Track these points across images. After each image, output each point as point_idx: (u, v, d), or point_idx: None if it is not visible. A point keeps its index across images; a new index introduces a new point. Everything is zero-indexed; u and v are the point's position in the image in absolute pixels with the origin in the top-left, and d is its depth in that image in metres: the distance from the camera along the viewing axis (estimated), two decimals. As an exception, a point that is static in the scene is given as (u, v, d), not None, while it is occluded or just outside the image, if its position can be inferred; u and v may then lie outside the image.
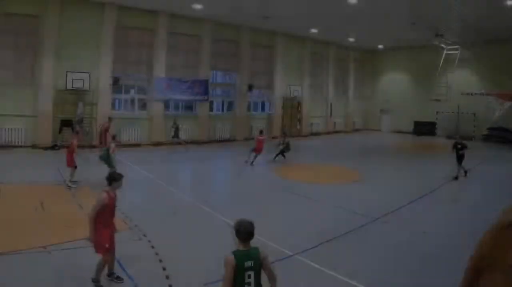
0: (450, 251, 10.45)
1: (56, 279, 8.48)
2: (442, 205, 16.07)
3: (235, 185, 20.14)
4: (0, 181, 16.48)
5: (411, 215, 14.30)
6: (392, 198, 16.57)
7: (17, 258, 9.21)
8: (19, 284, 8.11)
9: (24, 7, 26.19)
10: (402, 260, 10.11)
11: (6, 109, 25.64)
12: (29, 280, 8.28)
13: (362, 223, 12.94)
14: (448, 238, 11.79)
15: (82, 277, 8.32)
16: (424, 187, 18.66)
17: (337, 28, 37.12)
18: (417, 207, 15.38)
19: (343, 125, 48.25)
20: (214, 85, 36.55)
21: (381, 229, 12.62)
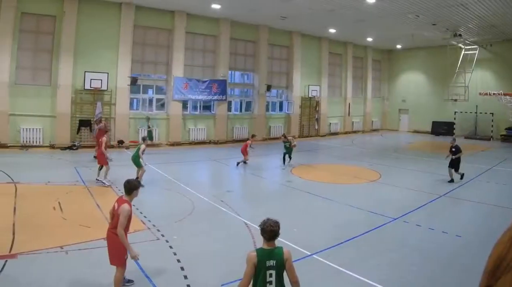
0: (469, 251, 10.37)
1: (72, 279, 8.27)
2: (461, 205, 15.84)
3: (252, 185, 19.67)
4: (18, 180, 16.46)
5: (430, 215, 13.99)
6: (411, 197, 16.38)
7: (35, 258, 9.07)
8: (36, 285, 7.93)
9: (42, 7, 25.65)
10: (421, 260, 9.86)
11: (24, 109, 25.13)
12: (45, 280, 8.11)
13: (381, 223, 12.75)
14: (467, 238, 11.56)
15: (98, 277, 8.22)
16: (443, 186, 18.35)
17: (355, 28, 36.09)
18: (436, 207, 15.11)
19: (361, 125, 47.11)
20: (232, 85, 35.68)
21: (400, 229, 12.39)
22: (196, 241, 10.84)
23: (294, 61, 39.01)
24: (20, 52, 25.28)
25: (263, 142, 35.25)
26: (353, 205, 14.81)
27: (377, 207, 14.48)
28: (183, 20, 31.01)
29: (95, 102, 27.03)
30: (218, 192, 16.64)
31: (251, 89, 37.11)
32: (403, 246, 10.80)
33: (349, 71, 45.22)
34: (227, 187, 18.72)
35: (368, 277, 8.60)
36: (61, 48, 26.16)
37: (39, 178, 17.22)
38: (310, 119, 40.61)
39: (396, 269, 9.35)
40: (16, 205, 13.18)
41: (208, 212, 13.77)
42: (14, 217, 11.90)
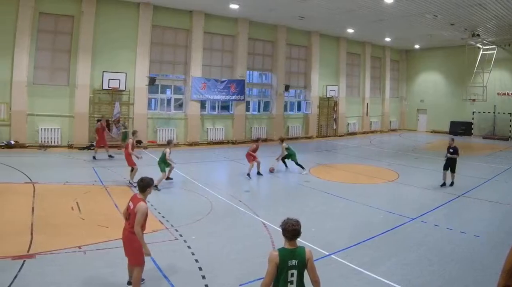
0: (487, 251, 10.22)
1: (90, 279, 8.08)
2: (480, 205, 15.31)
3: (270, 185, 19.08)
4: (37, 180, 16.12)
5: (448, 215, 13.77)
6: (429, 197, 16.03)
7: (53, 258, 8.87)
8: (54, 285, 7.71)
9: (60, 7, 25.01)
10: (439, 260, 9.63)
11: (43, 109, 24.49)
12: (63, 280, 7.91)
13: (399, 223, 12.53)
14: (485, 238, 11.30)
15: (116, 278, 8.09)
16: (461, 186, 17.84)
17: (373, 28, 35.00)
18: (455, 207, 14.86)
19: (379, 125, 45.83)
20: (250, 85, 34.72)
21: (418, 229, 12.09)
22: (214, 241, 10.60)
23: (312, 61, 37.93)
24: (38, 52, 24.67)
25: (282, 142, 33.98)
26: (371, 205, 14.51)
27: (395, 207, 14.26)
28: (201, 20, 30.13)
29: (113, 102, 26.35)
30: (236, 192, 16.29)
31: (269, 89, 36.12)
32: (421, 246, 10.57)
33: (367, 71, 44.00)
34: (245, 187, 18.11)
35: (386, 277, 8.47)
36: (79, 48, 25.50)
37: (57, 178, 16.85)
38: (328, 119, 39.46)
39: (414, 269, 9.11)
40: (34, 205, 12.93)
41: (226, 212, 13.48)
42: (32, 217, 11.67)
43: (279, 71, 35.31)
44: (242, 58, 32.62)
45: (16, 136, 23.96)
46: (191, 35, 29.96)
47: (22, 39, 23.68)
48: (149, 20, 27.88)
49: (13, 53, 23.56)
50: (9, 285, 7.54)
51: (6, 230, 10.54)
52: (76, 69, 25.52)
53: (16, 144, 23.76)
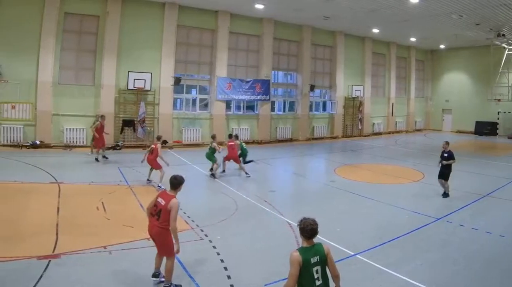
0: None
1: (115, 279, 7.89)
2: (505, 205, 14.74)
3: (295, 185, 18.59)
4: (62, 180, 15.64)
5: (473, 215, 13.25)
6: (454, 197, 15.36)
7: (78, 258, 8.66)
8: (79, 285, 7.53)
9: (85, 7, 24.07)
10: (464, 260, 9.39)
11: (68, 109, 23.54)
12: (89, 280, 7.74)
13: (424, 223, 12.13)
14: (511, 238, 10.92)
15: (141, 278, 7.93)
16: (487, 186, 17.38)
17: (398, 28, 33.49)
18: (480, 207, 14.35)
19: (404, 125, 43.94)
20: (275, 85, 33.20)
21: (443, 229, 11.75)
22: (240, 241, 10.33)
23: (338, 61, 36.28)
24: (63, 52, 23.73)
25: (307, 142, 33.07)
26: (396, 205, 14.09)
27: (420, 207, 13.83)
28: (226, 20, 28.89)
29: (139, 102, 25.31)
30: (261, 192, 15.77)
31: (295, 89, 34.56)
32: (446, 246, 10.29)
33: (393, 71, 42.07)
34: (270, 186, 17.59)
35: (411, 277, 8.23)
36: (105, 48, 24.51)
37: (83, 178, 16.36)
38: (354, 119, 37.86)
39: (439, 269, 8.86)
40: (59, 205, 12.55)
41: (251, 212, 13.05)
42: (58, 217, 11.32)
43: (304, 71, 33.84)
44: (267, 58, 31.22)
45: (41, 136, 23.01)
46: (217, 35, 28.73)
47: (48, 39, 22.77)
48: (174, 20, 26.69)
49: (38, 53, 22.66)
50: (34, 285, 7.32)
51: (31, 230, 10.25)
52: (101, 69, 24.55)
53: (41, 144, 22.80)
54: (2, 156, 19.98)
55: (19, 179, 15.35)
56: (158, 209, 7.43)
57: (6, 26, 21.98)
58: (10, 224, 10.68)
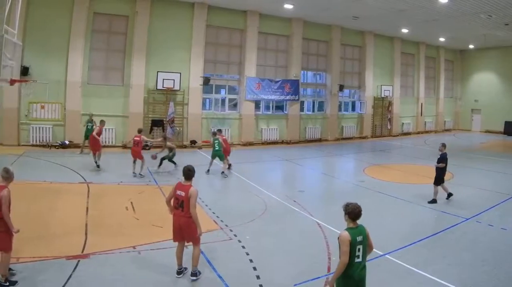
0: None
1: (145, 279, 7.54)
2: None
3: (325, 185, 17.64)
4: (91, 180, 15.06)
5: (503, 215, 12.58)
6: (484, 197, 14.74)
7: (107, 258, 8.32)
8: (107, 285, 7.25)
9: (114, 7, 22.85)
10: (493, 260, 8.88)
11: (97, 109, 21.98)
12: (118, 280, 7.40)
13: (453, 223, 11.58)
14: None
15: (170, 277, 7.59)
16: None
17: (427, 28, 31.28)
18: (509, 207, 13.62)
19: (433, 125, 41.21)
20: (304, 85, 31.30)
21: (473, 229, 11.19)
22: (269, 241, 9.83)
23: (367, 61, 34.06)
24: (92, 52, 22.53)
25: (336, 142, 31.12)
26: (425, 205, 13.45)
27: (450, 207, 13.23)
28: (255, 20, 27.13)
29: (168, 102, 23.83)
30: (290, 192, 14.97)
31: (324, 89, 32.49)
32: (475, 246, 9.79)
33: (422, 71, 39.47)
34: (299, 186, 16.73)
35: (440, 277, 7.83)
36: (134, 48, 23.17)
37: (112, 178, 15.71)
38: (383, 119, 35.55)
39: (469, 269, 8.44)
40: (88, 205, 12.06)
41: (280, 212, 12.47)
42: (87, 217, 10.89)
43: (334, 71, 31.77)
44: (296, 58, 29.36)
45: (70, 136, 21.73)
46: (246, 35, 27.02)
47: (77, 39, 21.60)
48: (203, 20, 25.10)
49: (67, 53, 21.53)
50: (63, 285, 7.02)
51: (60, 230, 9.85)
52: (130, 69, 23.21)
53: (70, 144, 21.51)
54: (32, 156, 19.18)
55: (48, 179, 14.73)
56: (180, 201, 7.38)
57: (35, 27, 20.85)
58: (40, 224, 10.19)
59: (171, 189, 7.82)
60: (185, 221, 7.38)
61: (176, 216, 7.50)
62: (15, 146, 20.91)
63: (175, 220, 7.53)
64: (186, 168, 7.67)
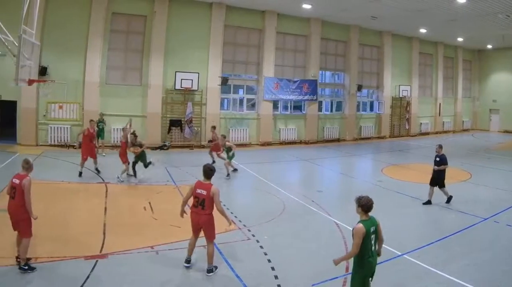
0: None
1: (162, 279, 7.29)
2: None
3: (343, 185, 17.01)
4: (109, 180, 14.56)
5: None
6: (502, 197, 14.15)
7: (125, 258, 8.06)
8: (126, 284, 7.04)
9: (132, 7, 21.91)
10: None
11: (115, 109, 21.29)
12: (136, 280, 7.22)
13: (471, 223, 11.19)
14: None
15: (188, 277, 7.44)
16: None
17: (445, 28, 29.83)
18: None
19: (451, 125, 39.41)
20: (322, 85, 29.93)
21: (491, 229, 10.80)
22: (287, 241, 9.58)
23: (385, 61, 32.50)
24: (110, 52, 21.61)
25: (354, 142, 29.80)
26: (443, 205, 12.87)
27: (467, 207, 12.69)
28: (273, 20, 25.87)
29: (186, 102, 22.79)
30: (308, 192, 14.39)
31: (342, 89, 31.12)
32: (493, 246, 9.45)
33: (440, 71, 37.68)
34: (317, 186, 16.03)
35: (459, 277, 7.56)
36: (152, 48, 22.20)
37: (130, 178, 15.01)
38: (401, 119, 33.95)
39: (487, 269, 8.11)
40: (106, 205, 11.66)
41: (298, 212, 12.01)
42: (105, 217, 10.56)
43: (352, 71, 30.36)
44: (314, 58, 28.00)
45: None
46: (264, 35, 25.77)
47: (95, 39, 20.70)
48: (221, 20, 23.99)
49: (85, 53, 20.66)
50: (81, 285, 6.83)
51: (79, 230, 9.55)
52: (148, 69, 22.22)
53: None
54: (50, 156, 18.50)
55: (66, 179, 14.27)
56: (201, 200, 7.29)
57: (53, 27, 19.99)
58: (58, 224, 9.92)
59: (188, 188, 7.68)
60: (206, 219, 7.31)
61: (196, 213, 7.38)
62: (33, 146, 20.09)
63: (193, 217, 7.40)
64: (207, 167, 7.56)
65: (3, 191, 10.80)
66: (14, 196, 7.16)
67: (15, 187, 7.16)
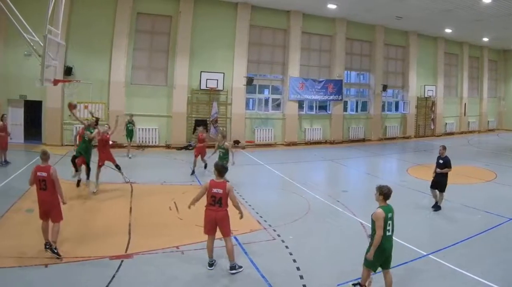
0: None
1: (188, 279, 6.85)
2: None
3: (368, 185, 15.26)
4: (134, 180, 13.75)
5: None
6: None
7: (150, 258, 7.59)
8: (151, 284, 6.61)
9: (157, 7, 20.69)
10: None
11: (140, 109, 20.06)
12: (161, 280, 6.76)
13: (497, 223, 10.43)
14: None
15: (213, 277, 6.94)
16: None
17: (471, 28, 27.80)
18: None
19: (477, 125, 36.94)
20: (348, 85, 28.18)
21: None
22: (312, 241, 8.98)
23: (410, 61, 30.40)
24: (136, 53, 20.43)
25: (379, 142, 27.94)
26: (468, 205, 12.14)
27: (493, 207, 11.84)
28: (299, 20, 24.25)
29: (211, 102, 21.42)
30: (333, 192, 13.62)
31: (367, 89, 29.22)
32: None
33: (465, 71, 35.27)
34: (342, 186, 15.21)
35: (484, 277, 7.01)
36: (177, 48, 20.89)
37: (155, 178, 14.25)
38: (426, 119, 31.85)
39: None
40: (132, 205, 11.13)
41: (323, 212, 11.33)
42: (130, 217, 10.04)
43: (377, 71, 28.43)
44: (339, 58, 26.22)
45: (113, 136, 19.68)
46: (289, 35, 24.15)
47: (120, 39, 19.51)
48: (247, 20, 22.52)
49: (111, 53, 19.50)
50: (106, 285, 6.44)
51: (104, 230, 9.06)
52: (173, 69, 20.92)
53: (113, 144, 20.06)
54: (75, 156, 17.68)
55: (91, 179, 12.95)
56: (218, 198, 7.02)
57: (79, 27, 18.88)
58: (83, 224, 9.50)
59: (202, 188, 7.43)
60: (223, 215, 7.06)
61: (212, 211, 7.08)
62: (58, 145, 18.90)
63: (210, 214, 7.08)
64: (220, 165, 7.42)
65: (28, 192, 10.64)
66: (45, 187, 7.19)
67: (44, 179, 7.16)
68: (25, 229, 8.49)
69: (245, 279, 6.94)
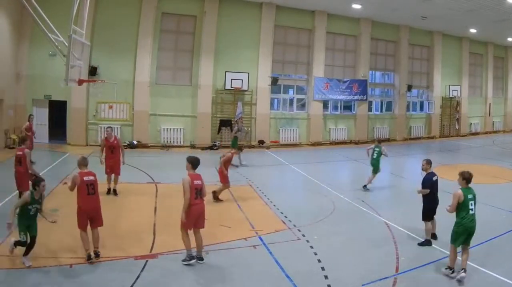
0: None
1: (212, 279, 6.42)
2: None
3: (393, 185, 14.74)
4: (159, 180, 12.88)
5: None
6: None
7: (175, 258, 6.96)
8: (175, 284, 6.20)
9: (182, 7, 18.99)
10: None
11: (165, 109, 18.50)
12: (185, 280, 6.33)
13: None
14: None
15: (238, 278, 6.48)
16: None
17: (495, 28, 25.29)
18: None
19: (501, 125, 33.79)
20: (372, 85, 25.81)
21: None
22: (337, 241, 8.18)
23: (435, 61, 27.70)
24: (160, 52, 18.69)
25: (404, 142, 25.46)
26: (493, 205, 10.80)
27: None
28: (324, 20, 22.11)
29: (236, 102, 19.54)
30: (358, 192, 12.54)
31: (392, 89, 26.64)
32: None
33: (490, 71, 32.23)
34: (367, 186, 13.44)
35: (509, 277, 6.41)
36: (202, 48, 19.06)
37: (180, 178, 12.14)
38: (451, 119, 29.07)
39: None
40: (156, 205, 10.33)
41: (348, 212, 10.41)
42: (155, 217, 9.27)
43: (402, 71, 25.87)
44: (364, 58, 23.92)
45: (138, 136, 17.86)
46: (314, 35, 21.97)
47: (145, 39, 17.81)
48: (271, 20, 20.51)
49: (135, 53, 17.78)
50: (131, 284, 5.95)
51: (129, 230, 8.39)
52: (198, 69, 19.06)
53: (138, 144, 18.09)
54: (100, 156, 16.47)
55: None
56: (199, 190, 6.72)
57: (103, 27, 17.23)
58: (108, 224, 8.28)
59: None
60: (204, 207, 6.84)
61: (198, 205, 6.74)
62: (83, 145, 17.28)
63: (196, 209, 6.67)
64: (194, 158, 7.02)
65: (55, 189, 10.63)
66: (94, 192, 6.93)
67: (92, 183, 6.91)
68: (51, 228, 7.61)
69: (270, 279, 6.43)
